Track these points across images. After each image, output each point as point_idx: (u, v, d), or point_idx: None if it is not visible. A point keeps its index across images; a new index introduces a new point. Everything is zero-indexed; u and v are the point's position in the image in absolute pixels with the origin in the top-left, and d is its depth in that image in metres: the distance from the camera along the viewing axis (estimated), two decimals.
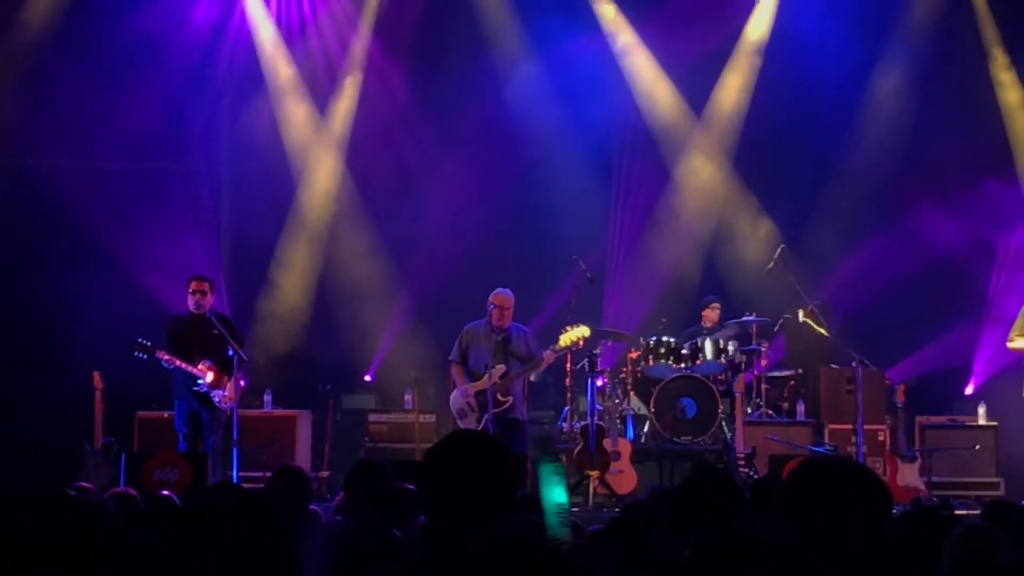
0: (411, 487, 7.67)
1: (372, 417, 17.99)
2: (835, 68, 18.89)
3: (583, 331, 15.40)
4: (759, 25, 19.60)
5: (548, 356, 15.17)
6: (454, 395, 15.26)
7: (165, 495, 8.40)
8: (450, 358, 15.36)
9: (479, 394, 14.89)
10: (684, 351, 17.49)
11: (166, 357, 14.80)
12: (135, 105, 18.55)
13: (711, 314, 18.13)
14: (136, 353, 14.68)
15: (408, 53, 19.74)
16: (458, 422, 15.15)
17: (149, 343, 14.75)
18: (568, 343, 15.43)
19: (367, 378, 19.21)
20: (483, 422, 14.70)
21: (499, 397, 14.73)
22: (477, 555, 3.76)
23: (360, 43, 19.77)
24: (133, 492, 9.22)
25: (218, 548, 5.14)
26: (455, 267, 18.76)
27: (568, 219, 19.17)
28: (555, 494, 4.43)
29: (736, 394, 16.10)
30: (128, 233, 18.69)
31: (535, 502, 7.34)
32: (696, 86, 19.82)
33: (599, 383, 16.47)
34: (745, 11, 19.70)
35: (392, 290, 19.49)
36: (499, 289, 15.18)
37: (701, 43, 19.37)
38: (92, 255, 18.26)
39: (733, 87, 19.78)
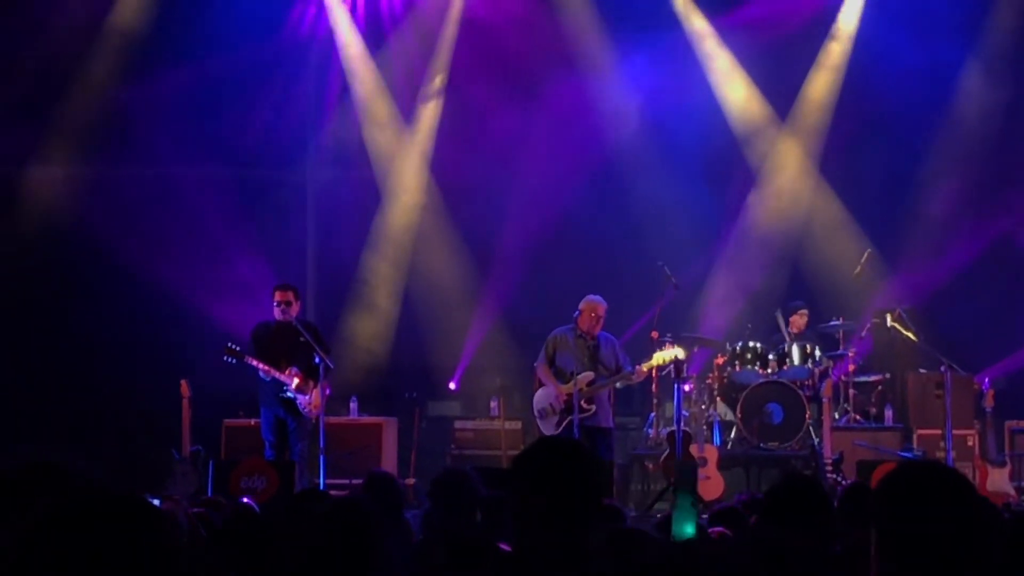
0: (498, 494, 7.66)
1: (458, 424, 18.03)
2: (920, 67, 18.67)
3: (677, 352, 15.30)
4: (845, 26, 19.48)
5: (639, 373, 15.05)
6: (539, 394, 15.15)
7: (245, 503, 8.42)
8: (536, 362, 15.28)
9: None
10: (771, 356, 17.43)
11: (255, 363, 14.84)
12: (223, 113, 18.69)
13: (798, 320, 18.01)
14: (225, 357, 14.71)
15: (492, 60, 19.72)
16: (538, 421, 15.10)
17: (238, 348, 14.81)
18: (660, 362, 15.37)
19: (451, 386, 19.23)
20: (562, 425, 14.65)
21: (583, 404, 14.66)
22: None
23: (444, 50, 19.82)
24: (223, 500, 9.27)
25: (310, 555, 5.15)
26: (540, 274, 18.78)
27: (654, 225, 19.06)
28: (685, 528, 4.41)
29: (823, 399, 16.00)
30: (216, 240, 18.82)
31: (617, 512, 7.32)
32: (780, 88, 19.71)
33: (686, 388, 16.42)
34: (831, 11, 19.59)
35: (477, 297, 19.51)
36: (593, 296, 15.05)
37: (785, 44, 19.28)
38: (180, 262, 18.39)
39: (818, 88, 19.65)
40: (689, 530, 4.37)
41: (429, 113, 19.92)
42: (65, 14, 18.56)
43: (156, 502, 12.96)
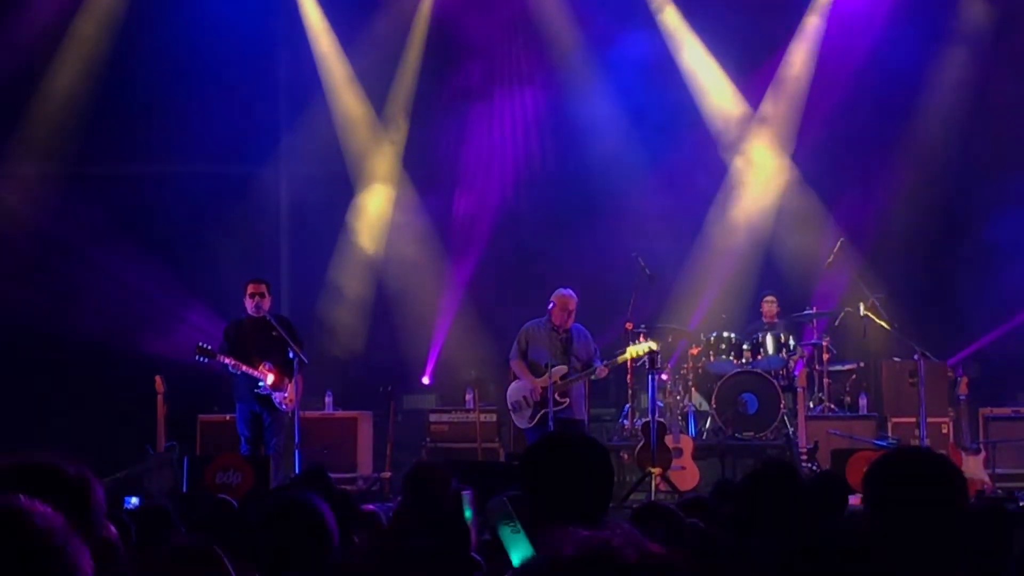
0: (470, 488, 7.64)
1: (433, 417, 17.97)
2: (895, 58, 18.77)
3: (649, 346, 15.26)
4: (817, 15, 19.51)
5: (601, 371, 14.92)
6: (513, 387, 15.05)
7: (222, 498, 8.41)
8: (510, 356, 15.19)
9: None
10: (745, 346, 17.45)
11: (228, 361, 14.76)
12: (195, 109, 18.59)
13: (768, 308, 18.05)
14: (198, 357, 14.63)
15: (463, 50, 19.73)
16: (512, 415, 15.06)
17: (210, 347, 14.73)
18: (633, 355, 15.33)
19: (425, 380, 19.22)
20: (536, 418, 14.62)
21: (557, 397, 14.62)
22: None
23: (416, 40, 19.80)
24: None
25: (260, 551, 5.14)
26: (514, 266, 18.80)
27: (626, 216, 19.08)
28: (518, 555, 4.36)
29: (798, 388, 16.03)
30: (189, 236, 18.79)
31: None
32: (753, 78, 19.74)
33: (662, 378, 16.43)
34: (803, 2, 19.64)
35: (450, 290, 19.50)
36: (563, 290, 14.85)
37: (758, 34, 19.32)
38: (153, 259, 18.33)
39: (791, 77, 19.67)
40: (524, 553, 4.31)
41: (401, 106, 19.89)
42: (32, 15, 18.49)
43: (136, 500, 12.99)
